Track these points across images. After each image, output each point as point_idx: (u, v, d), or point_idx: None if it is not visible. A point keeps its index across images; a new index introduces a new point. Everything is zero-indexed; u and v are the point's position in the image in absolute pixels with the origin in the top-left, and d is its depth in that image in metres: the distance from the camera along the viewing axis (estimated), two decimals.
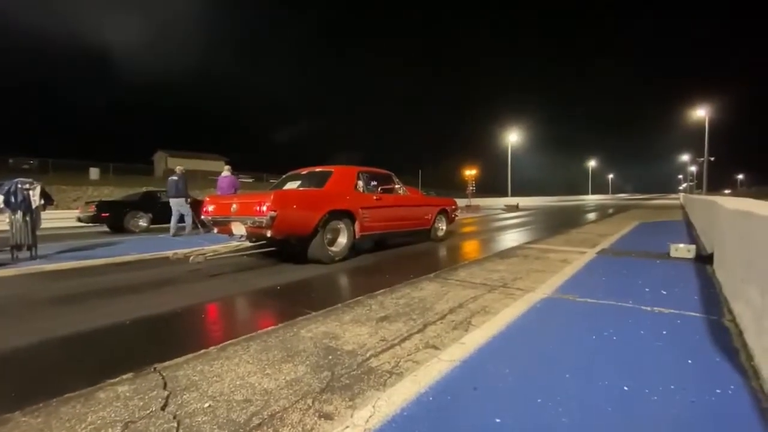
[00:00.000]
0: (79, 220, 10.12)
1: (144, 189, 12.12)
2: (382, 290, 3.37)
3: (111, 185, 23.54)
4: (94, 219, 9.39)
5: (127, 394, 1.66)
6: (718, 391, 1.57)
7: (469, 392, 1.60)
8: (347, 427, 1.38)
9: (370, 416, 1.43)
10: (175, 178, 8.24)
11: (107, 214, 9.45)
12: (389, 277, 4.01)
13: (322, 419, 1.44)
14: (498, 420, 1.40)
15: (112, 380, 1.78)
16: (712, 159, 29.14)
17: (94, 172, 27.50)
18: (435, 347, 2.10)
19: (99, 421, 1.46)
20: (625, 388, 1.61)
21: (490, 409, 1.47)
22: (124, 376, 1.82)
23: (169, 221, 8.25)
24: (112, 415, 1.50)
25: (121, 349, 2.33)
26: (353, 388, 1.67)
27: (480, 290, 3.31)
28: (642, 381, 1.67)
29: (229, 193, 8.16)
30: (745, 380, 1.65)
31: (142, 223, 9.71)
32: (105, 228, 9.76)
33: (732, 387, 1.60)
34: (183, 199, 8.18)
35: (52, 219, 11.20)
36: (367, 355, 2.03)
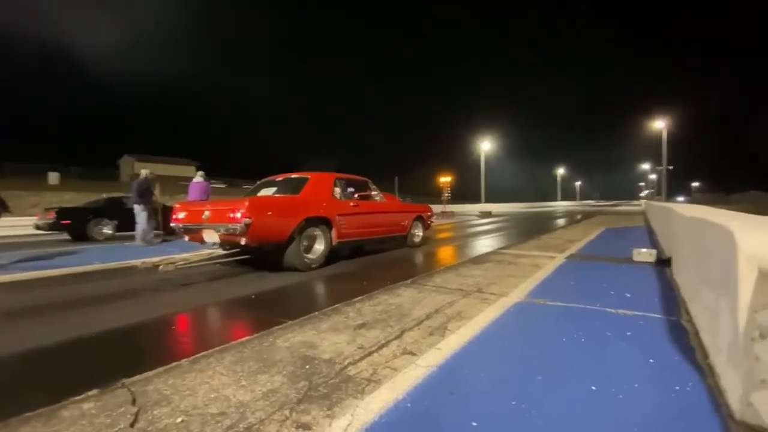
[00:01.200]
0: (38, 227, 9.52)
1: (105, 195, 11.57)
2: (359, 297, 3.36)
3: (72, 191, 22.33)
4: (54, 226, 8.89)
5: (93, 412, 1.58)
6: (677, 388, 1.67)
7: (446, 397, 1.63)
8: None
9: (348, 425, 1.43)
10: (136, 183, 7.98)
11: (68, 221, 8.97)
12: (366, 283, 4.01)
13: (300, 430, 1.43)
14: (475, 423, 1.43)
15: (76, 397, 1.69)
16: (671, 168, 30.88)
17: (53, 177, 26.06)
18: (412, 353, 2.12)
19: None
20: (593, 387, 1.69)
21: (467, 414, 1.50)
22: (90, 393, 1.73)
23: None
24: None
25: (86, 364, 2.22)
26: (331, 397, 1.67)
27: (456, 295, 3.36)
28: (609, 381, 1.75)
29: (200, 199, 7.94)
30: (701, 377, 1.76)
31: (107, 230, 9.26)
32: (66, 236, 9.26)
33: (690, 384, 1.70)
34: (141, 206, 7.83)
35: (7, 226, 10.51)
36: (345, 363, 2.02)
